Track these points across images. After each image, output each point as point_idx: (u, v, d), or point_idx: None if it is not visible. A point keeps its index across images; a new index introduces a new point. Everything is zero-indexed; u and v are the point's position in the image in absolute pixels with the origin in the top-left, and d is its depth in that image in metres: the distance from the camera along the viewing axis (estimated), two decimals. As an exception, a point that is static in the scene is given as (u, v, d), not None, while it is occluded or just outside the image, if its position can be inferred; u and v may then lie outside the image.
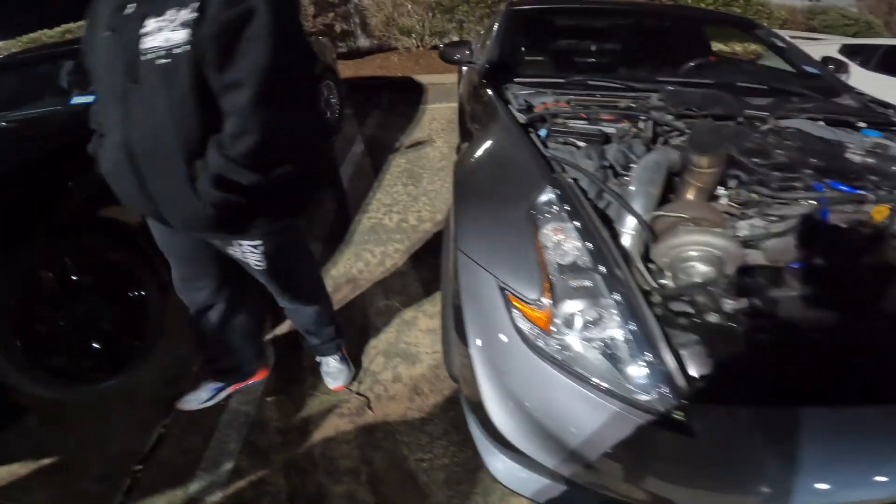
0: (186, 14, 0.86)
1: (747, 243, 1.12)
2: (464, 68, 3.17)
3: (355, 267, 2.49)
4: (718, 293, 0.97)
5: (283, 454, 1.55)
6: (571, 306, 0.93)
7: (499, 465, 1.13)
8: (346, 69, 6.80)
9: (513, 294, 1.00)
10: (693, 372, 0.89)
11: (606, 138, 1.53)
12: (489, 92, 1.95)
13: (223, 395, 1.69)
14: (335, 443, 1.58)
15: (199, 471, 1.49)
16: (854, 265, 1.07)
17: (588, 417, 0.89)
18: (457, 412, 1.64)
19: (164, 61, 0.87)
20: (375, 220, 2.99)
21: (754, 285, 0.98)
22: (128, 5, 0.91)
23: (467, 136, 2.14)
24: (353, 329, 2.02)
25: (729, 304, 0.95)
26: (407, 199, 3.23)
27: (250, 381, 1.74)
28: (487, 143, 1.58)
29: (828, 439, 0.83)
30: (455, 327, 1.21)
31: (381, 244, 2.69)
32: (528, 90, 1.97)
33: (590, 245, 1.01)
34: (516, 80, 2.08)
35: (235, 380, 1.71)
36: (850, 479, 0.81)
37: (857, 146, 1.44)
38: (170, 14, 0.88)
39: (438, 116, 4.92)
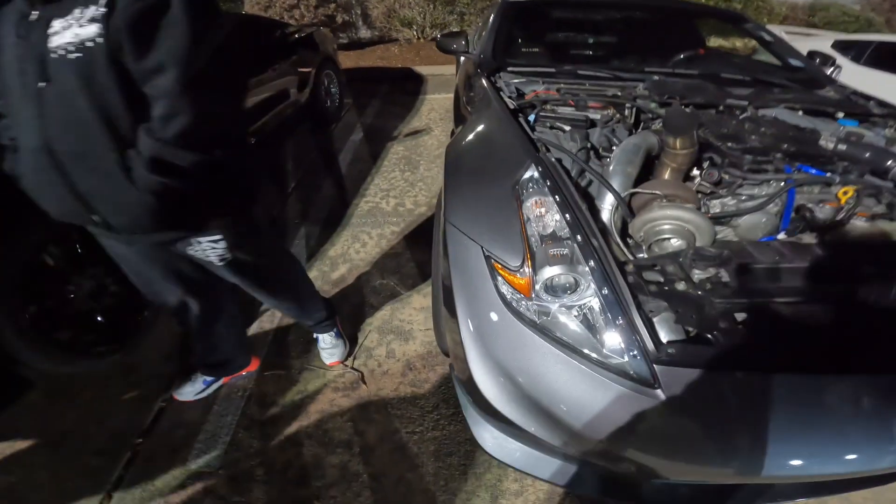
0: (94, 10, 0.85)
1: (718, 220, 1.19)
2: (461, 59, 3.23)
3: (352, 248, 2.55)
4: (688, 264, 1.04)
5: (279, 427, 1.59)
6: (549, 272, 1.00)
7: (486, 435, 1.18)
8: (347, 60, 6.83)
9: (497, 262, 1.08)
10: (663, 337, 0.95)
11: (591, 123, 1.61)
12: (482, 80, 2.01)
13: (216, 386, 1.71)
14: (329, 416, 1.63)
15: (197, 444, 1.52)
16: (820, 240, 1.15)
17: (564, 380, 0.95)
18: (447, 387, 1.72)
19: (76, 55, 0.85)
20: (373, 203, 3.04)
21: (722, 258, 1.05)
22: (31, 13, 0.90)
23: (461, 121, 2.20)
24: (349, 306, 2.09)
25: (697, 274, 1.02)
26: (404, 185, 3.29)
27: (242, 373, 1.77)
28: (478, 126, 1.65)
29: (796, 406, 0.88)
30: (444, 298, 1.28)
31: (377, 227, 2.76)
32: (520, 79, 2.04)
33: (568, 217, 1.08)
34: (509, 69, 2.14)
35: (226, 373, 1.72)
36: (818, 451, 0.86)
37: (832, 134, 1.51)
38: (76, 13, 0.86)
39: (437, 106, 4.97)
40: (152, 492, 1.41)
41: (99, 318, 1.77)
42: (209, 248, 1.16)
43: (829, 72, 2.21)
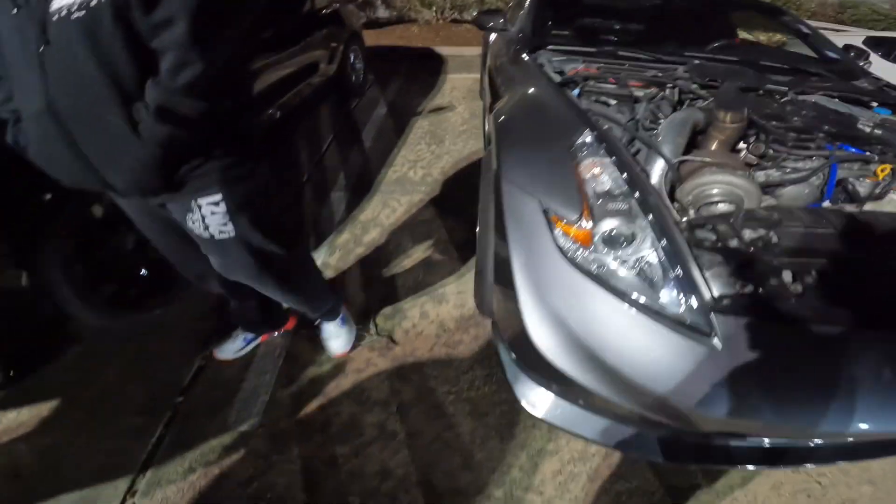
0: None
1: (763, 189, 1.25)
2: (491, 39, 3.27)
3: (382, 213, 2.61)
4: (739, 224, 1.10)
5: (317, 385, 1.62)
6: (609, 224, 1.06)
7: (529, 393, 1.22)
8: (368, 38, 6.79)
9: (555, 214, 1.13)
10: (716, 290, 1.01)
11: (635, 100, 1.66)
12: (524, 56, 2.06)
13: (255, 343, 1.74)
14: (366, 375, 1.66)
15: (236, 401, 1.54)
16: (862, 210, 1.21)
17: (621, 329, 0.99)
18: (482, 349, 1.75)
19: (79, 14, 0.84)
20: (401, 173, 3.10)
21: (772, 220, 1.11)
22: None
23: (496, 97, 2.25)
24: (381, 268, 2.15)
25: (748, 234, 1.09)
26: (430, 157, 3.33)
27: (281, 331, 1.79)
28: (526, 97, 1.70)
29: (848, 363, 0.92)
30: (494, 257, 1.34)
31: (406, 194, 2.81)
32: (560, 57, 2.08)
33: (625, 175, 1.13)
34: (549, 47, 2.19)
35: (265, 330, 1.74)
36: (874, 410, 0.89)
37: (868, 120, 1.56)
38: None
39: (459, 86, 4.99)
40: (194, 451, 1.42)
41: (143, 272, 1.79)
42: (209, 214, 1.11)
43: (863, 65, 2.26)
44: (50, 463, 1.38)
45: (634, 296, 1.02)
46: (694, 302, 0.97)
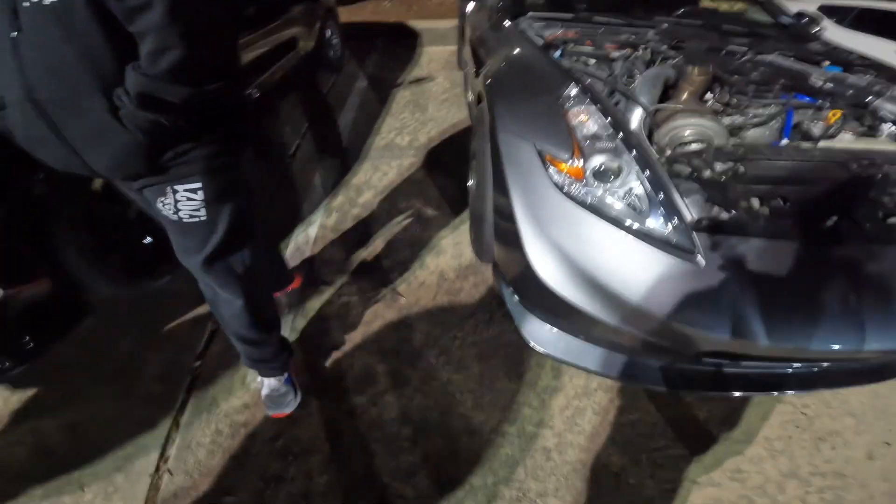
0: None
1: (730, 132, 1.43)
2: (467, 10, 3.38)
3: (374, 176, 2.71)
4: (711, 158, 1.26)
5: (329, 339, 1.68)
6: (597, 160, 1.21)
7: (532, 328, 1.35)
8: (341, 15, 6.75)
9: (549, 154, 1.28)
10: (696, 214, 1.16)
11: (612, 59, 1.81)
12: (506, 23, 2.19)
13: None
14: (374, 327, 1.74)
15: None
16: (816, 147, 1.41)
17: (614, 252, 1.13)
18: (481, 294, 1.87)
19: (52, 0, 0.81)
20: (388, 140, 3.18)
21: (738, 154, 1.28)
22: None
23: (483, 62, 2.37)
24: (378, 226, 2.26)
25: (719, 166, 1.25)
26: (415, 124, 3.42)
27: (288, 290, 1.84)
28: (512, 58, 1.84)
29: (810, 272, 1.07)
30: (494, 201, 1.47)
31: (396, 158, 2.91)
32: (540, 23, 2.22)
33: (609, 119, 1.28)
34: (530, 14, 2.32)
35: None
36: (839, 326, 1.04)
37: (820, 75, 1.75)
38: None
39: (436, 57, 5.05)
40: (218, 413, 1.47)
41: (148, 240, 1.80)
42: (183, 200, 1.06)
43: (815, 30, 2.47)
44: (79, 438, 1.41)
45: (626, 222, 1.16)
46: (677, 223, 1.13)
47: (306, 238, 2.20)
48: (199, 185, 1.05)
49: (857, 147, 1.41)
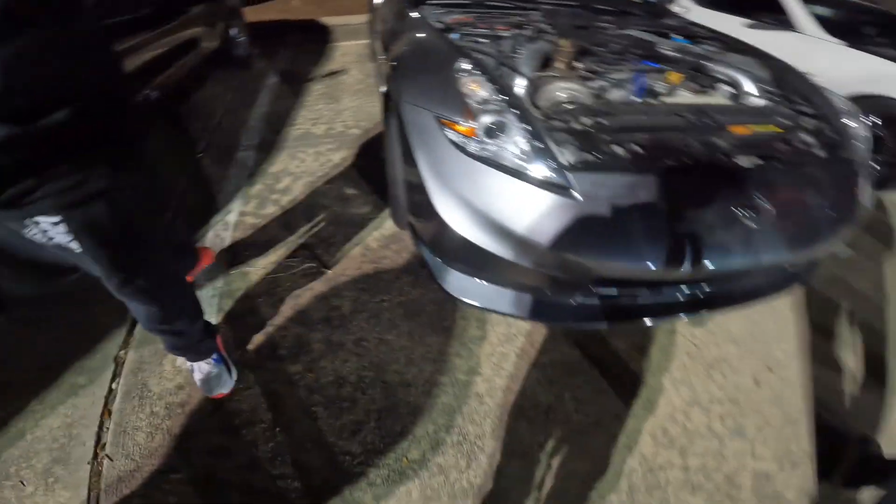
0: None
1: (595, 93, 1.71)
2: (376, 1, 3.54)
3: (291, 164, 2.78)
4: (579, 113, 1.52)
5: (258, 316, 1.70)
6: (486, 119, 1.42)
7: (451, 279, 1.52)
8: (247, 15, 6.60)
9: (446, 119, 1.48)
10: (570, 158, 1.39)
11: (501, 38, 2.06)
12: (410, 12, 2.38)
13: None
14: (304, 300, 1.79)
15: None
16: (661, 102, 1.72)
17: (507, 196, 1.33)
18: (404, 259, 2.00)
19: None
20: (303, 129, 3.25)
21: (601, 110, 1.55)
22: None
23: (391, 49, 2.55)
24: (303, 207, 2.35)
25: (586, 120, 1.51)
26: (330, 114, 3.50)
27: (199, 269, 1.82)
28: (414, 40, 2.03)
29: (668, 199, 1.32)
30: (403, 166, 1.65)
31: (312, 146, 2.99)
32: (440, 10, 2.44)
33: (496, 86, 1.51)
34: (429, 2, 2.54)
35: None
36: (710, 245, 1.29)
37: (667, 45, 2.11)
38: None
39: (349, 52, 5.13)
40: (150, 396, 1.46)
41: None
42: (50, 229, 0.93)
43: (672, 8, 2.90)
44: (8, 434, 1.37)
45: (514, 170, 1.37)
46: (555, 167, 1.35)
47: (225, 225, 2.21)
48: (58, 218, 0.91)
49: (694, 102, 1.74)
